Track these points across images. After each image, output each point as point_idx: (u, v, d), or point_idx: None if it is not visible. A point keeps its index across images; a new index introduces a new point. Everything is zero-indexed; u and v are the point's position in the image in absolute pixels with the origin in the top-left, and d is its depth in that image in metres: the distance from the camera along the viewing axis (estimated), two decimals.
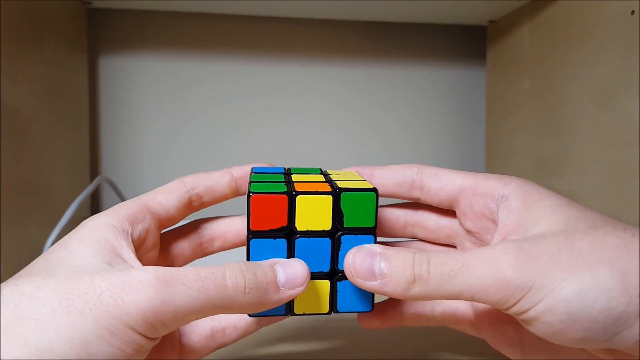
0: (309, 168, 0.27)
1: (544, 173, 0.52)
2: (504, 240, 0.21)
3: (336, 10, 0.60)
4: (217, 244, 0.27)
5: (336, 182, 0.23)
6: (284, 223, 0.21)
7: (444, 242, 0.27)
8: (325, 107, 0.67)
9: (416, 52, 0.68)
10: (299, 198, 0.21)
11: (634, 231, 0.19)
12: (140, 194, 0.25)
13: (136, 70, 0.63)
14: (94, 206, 0.63)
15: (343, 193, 0.22)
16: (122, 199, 0.59)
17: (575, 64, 0.47)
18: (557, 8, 0.49)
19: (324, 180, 0.24)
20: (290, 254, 0.22)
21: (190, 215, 0.26)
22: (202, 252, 0.27)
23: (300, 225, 0.22)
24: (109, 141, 0.63)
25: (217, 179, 0.26)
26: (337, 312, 0.23)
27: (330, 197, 0.21)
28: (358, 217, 0.22)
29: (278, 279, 0.20)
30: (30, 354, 0.16)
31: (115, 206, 0.23)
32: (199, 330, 0.25)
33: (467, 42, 0.69)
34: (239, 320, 0.25)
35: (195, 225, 0.27)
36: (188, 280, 0.18)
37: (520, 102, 0.57)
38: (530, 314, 0.18)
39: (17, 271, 0.20)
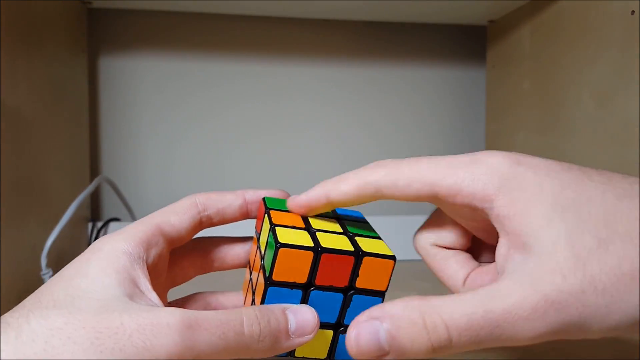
0: None
1: None
2: (515, 272, 0.19)
3: (336, 10, 0.60)
4: (215, 264, 0.27)
5: (355, 237, 0.23)
6: (305, 277, 0.22)
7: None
8: (325, 107, 0.67)
9: (416, 52, 0.68)
10: (324, 255, 0.22)
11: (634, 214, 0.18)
12: (140, 194, 0.25)
13: (136, 70, 0.63)
14: (94, 206, 0.63)
15: (365, 256, 0.22)
16: (122, 199, 0.59)
17: (575, 63, 0.47)
18: (557, 8, 0.49)
19: (342, 231, 0.24)
20: (304, 303, 0.23)
21: None
22: (201, 270, 0.27)
23: (320, 280, 0.22)
24: (109, 141, 0.63)
25: (230, 202, 0.26)
26: (332, 359, 0.24)
27: (352, 258, 0.22)
28: (373, 280, 0.22)
29: (289, 326, 0.20)
30: None
31: (129, 228, 0.23)
32: None
33: (467, 42, 0.69)
34: None
35: (197, 246, 0.27)
36: (210, 326, 0.18)
37: (520, 101, 0.57)
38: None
39: (17, 271, 0.20)
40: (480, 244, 0.25)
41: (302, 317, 0.21)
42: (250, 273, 0.26)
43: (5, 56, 0.39)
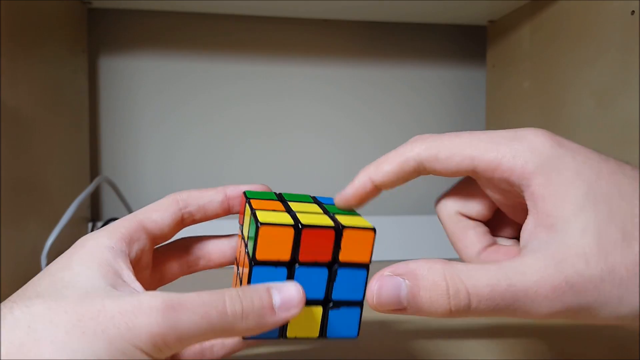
0: (301, 195, 0.28)
1: None
2: (539, 250, 0.19)
3: (336, 10, 0.60)
4: (201, 262, 0.27)
5: (334, 215, 0.24)
6: (288, 255, 0.22)
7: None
8: (325, 107, 0.67)
9: (416, 52, 0.68)
10: (304, 231, 0.22)
11: None
12: (140, 194, 0.25)
13: (136, 70, 0.63)
14: (94, 206, 0.63)
15: (345, 229, 0.22)
16: (122, 199, 0.59)
17: (575, 63, 0.47)
18: (557, 8, 0.49)
19: (322, 211, 0.25)
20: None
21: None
22: (187, 270, 0.28)
23: (303, 256, 0.23)
24: (109, 141, 0.63)
25: (211, 198, 0.26)
26: (325, 337, 0.24)
27: (333, 232, 0.22)
28: (355, 252, 0.23)
29: (274, 302, 0.21)
30: None
31: (112, 225, 0.23)
32: (190, 348, 0.26)
33: (467, 42, 0.69)
34: (227, 338, 0.26)
35: (182, 244, 0.27)
36: (193, 307, 0.19)
37: (521, 102, 0.57)
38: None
39: (17, 271, 0.20)
40: (502, 219, 0.26)
41: (286, 291, 0.21)
42: (238, 268, 0.26)
43: (5, 56, 0.39)
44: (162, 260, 0.27)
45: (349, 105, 0.67)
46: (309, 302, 0.23)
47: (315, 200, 0.27)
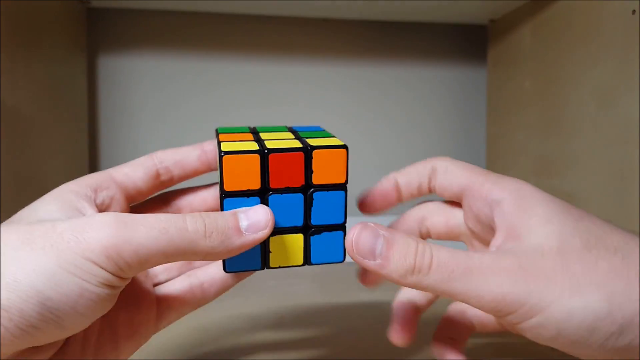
0: (277, 127, 0.27)
1: (544, 173, 0.52)
2: (502, 249, 0.21)
3: (336, 10, 0.59)
4: (184, 212, 0.27)
5: (306, 139, 0.23)
6: (258, 183, 0.22)
7: (454, 239, 0.28)
8: (324, 107, 0.67)
9: (416, 51, 0.68)
10: (271, 156, 0.21)
11: (623, 253, 0.20)
12: None
13: (136, 70, 0.63)
14: None
15: (314, 150, 0.22)
16: None
17: (576, 63, 0.47)
18: (558, 7, 0.49)
19: (294, 137, 0.24)
20: None
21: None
22: None
23: (274, 183, 0.22)
24: (109, 141, 0.63)
25: (187, 153, 0.26)
26: (310, 264, 0.24)
27: (302, 154, 0.22)
28: (329, 174, 0.22)
29: (240, 224, 0.20)
30: None
31: (80, 177, 0.23)
32: (176, 286, 0.25)
33: (468, 42, 0.69)
34: (216, 273, 0.26)
35: (162, 198, 0.27)
36: (149, 223, 0.19)
37: (521, 101, 0.57)
38: (522, 326, 0.19)
39: None
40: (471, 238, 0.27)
41: (253, 213, 0.21)
42: None
43: (5, 56, 0.39)
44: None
45: (349, 105, 0.67)
46: (289, 230, 0.23)
47: (290, 129, 0.26)
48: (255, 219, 0.21)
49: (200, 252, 0.19)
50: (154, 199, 0.26)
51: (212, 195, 0.27)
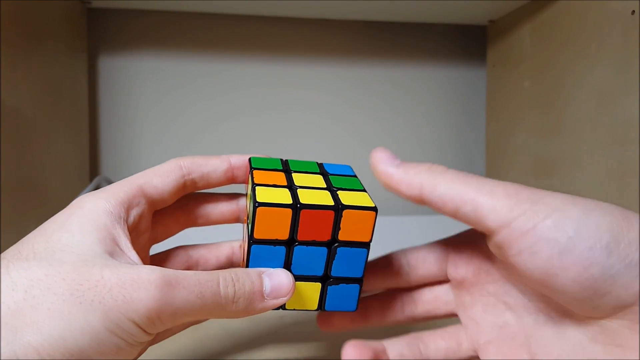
0: (307, 163, 0.27)
1: (544, 173, 0.52)
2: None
3: (336, 10, 0.59)
4: (200, 221, 0.27)
5: (337, 191, 0.24)
6: (286, 234, 0.22)
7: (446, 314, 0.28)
8: (324, 107, 0.67)
9: (416, 52, 0.68)
10: (303, 212, 0.22)
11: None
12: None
13: (136, 70, 0.63)
14: None
15: (345, 209, 0.22)
16: None
17: (575, 63, 0.47)
18: (558, 8, 0.49)
19: (325, 186, 0.24)
20: (288, 260, 0.23)
21: None
22: (184, 226, 0.27)
23: (302, 235, 0.22)
24: (109, 141, 0.63)
25: (215, 166, 0.26)
26: (324, 310, 0.24)
27: (332, 213, 0.22)
28: (355, 232, 0.23)
29: (264, 288, 0.21)
30: (43, 341, 0.16)
31: (111, 187, 0.23)
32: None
33: (467, 42, 0.69)
34: None
35: (180, 205, 0.27)
36: (189, 285, 0.19)
37: (521, 102, 0.57)
38: (537, 231, 0.19)
39: None
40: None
41: (277, 279, 0.21)
42: (245, 227, 0.26)
43: (5, 56, 0.39)
44: (159, 220, 0.26)
45: (349, 105, 0.67)
46: (309, 278, 0.23)
47: (321, 169, 0.26)
48: (278, 286, 0.21)
49: (224, 314, 0.20)
50: (177, 206, 0.26)
51: (230, 209, 0.27)
